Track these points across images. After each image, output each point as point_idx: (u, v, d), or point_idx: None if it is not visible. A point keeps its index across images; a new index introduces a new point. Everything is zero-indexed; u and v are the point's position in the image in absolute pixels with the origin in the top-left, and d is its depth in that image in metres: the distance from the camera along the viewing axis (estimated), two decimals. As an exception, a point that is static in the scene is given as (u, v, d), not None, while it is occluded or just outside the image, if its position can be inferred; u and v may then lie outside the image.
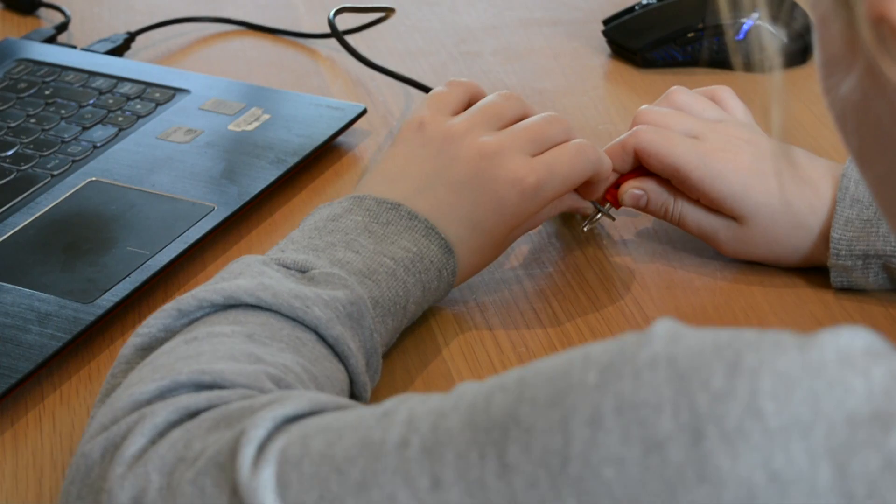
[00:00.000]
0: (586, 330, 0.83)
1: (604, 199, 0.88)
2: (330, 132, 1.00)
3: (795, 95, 1.07)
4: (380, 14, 1.14)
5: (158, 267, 0.86)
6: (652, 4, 1.13)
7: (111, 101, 1.05)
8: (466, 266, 0.81)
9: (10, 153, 0.99)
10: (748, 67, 1.06)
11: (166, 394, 0.63)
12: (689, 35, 1.11)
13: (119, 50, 1.14)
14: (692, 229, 0.87)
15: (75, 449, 0.75)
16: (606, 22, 1.15)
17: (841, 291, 0.85)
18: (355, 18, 1.17)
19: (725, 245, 0.86)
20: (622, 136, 0.87)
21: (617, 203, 0.88)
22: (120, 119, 1.02)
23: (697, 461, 0.47)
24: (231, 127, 1.01)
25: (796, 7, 1.13)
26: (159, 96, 1.05)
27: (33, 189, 0.95)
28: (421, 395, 0.56)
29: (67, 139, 1.00)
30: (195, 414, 0.62)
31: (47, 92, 1.06)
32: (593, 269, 0.88)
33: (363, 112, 1.03)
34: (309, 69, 1.14)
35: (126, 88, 1.06)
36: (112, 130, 1.01)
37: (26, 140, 1.00)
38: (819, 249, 0.84)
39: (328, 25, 1.07)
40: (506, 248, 0.84)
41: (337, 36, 0.95)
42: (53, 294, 0.83)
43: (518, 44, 1.17)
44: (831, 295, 0.85)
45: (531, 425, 0.50)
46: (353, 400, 0.71)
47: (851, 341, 0.48)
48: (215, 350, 0.66)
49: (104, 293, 0.83)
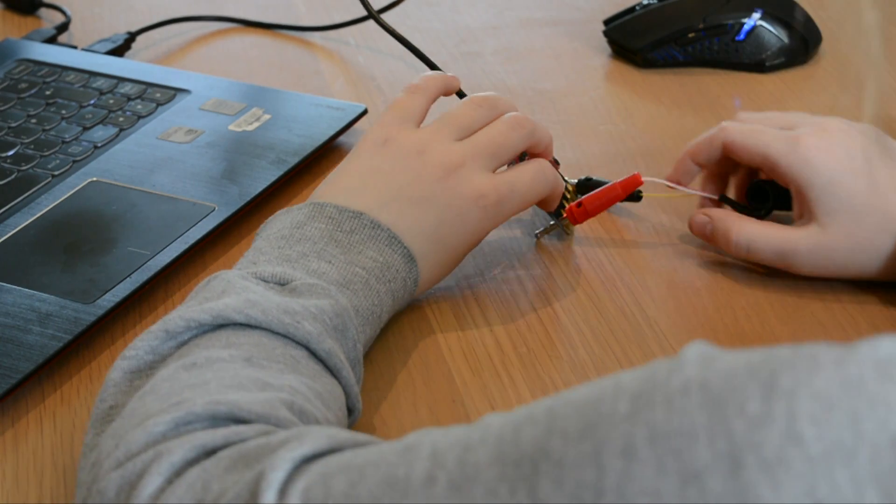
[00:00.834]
0: (587, 330, 0.83)
1: (571, 214, 0.88)
2: (331, 132, 1.00)
3: (796, 95, 1.07)
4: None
5: (159, 267, 0.86)
6: (652, 4, 1.13)
7: (112, 102, 1.05)
8: (426, 279, 0.81)
9: (11, 153, 0.99)
10: (749, 68, 1.06)
11: (181, 426, 0.61)
12: (690, 35, 1.11)
13: (119, 50, 1.14)
14: (765, 252, 0.84)
15: (76, 449, 0.75)
16: (607, 22, 1.15)
17: (843, 292, 0.85)
18: (354, 13, 1.17)
19: (805, 257, 0.83)
20: (710, 131, 0.87)
21: (574, 219, 0.88)
22: (120, 119, 1.02)
23: (737, 492, 0.46)
24: (232, 127, 1.01)
25: (796, 7, 1.13)
26: (160, 96, 1.05)
27: (34, 189, 0.95)
28: (442, 429, 0.55)
29: (68, 139, 1.00)
30: (212, 452, 0.60)
31: (48, 92, 1.06)
32: (593, 269, 0.89)
33: (364, 112, 1.03)
34: (309, 69, 1.14)
35: (127, 88, 1.06)
36: (113, 131, 1.01)
37: (27, 140, 1.00)
38: None
39: (361, 4, 1.06)
40: (460, 262, 0.84)
41: (372, 14, 0.95)
42: (54, 294, 0.83)
43: (518, 44, 1.17)
44: (832, 295, 0.85)
45: (562, 458, 0.49)
46: (349, 413, 0.71)
47: (891, 352, 0.46)
48: (221, 378, 0.64)
49: (105, 293, 0.83)
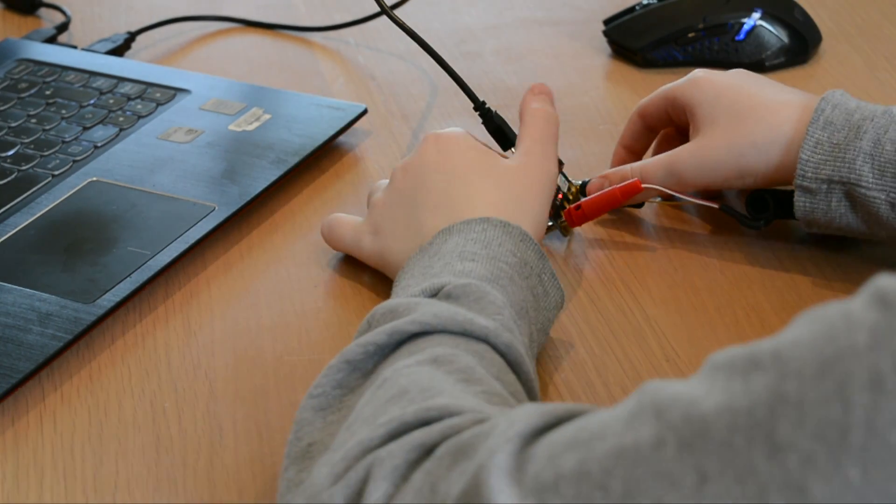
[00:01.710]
0: (587, 330, 0.83)
1: (569, 216, 0.89)
2: (331, 132, 1.00)
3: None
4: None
5: (159, 267, 0.86)
6: (652, 4, 1.13)
7: (112, 102, 1.05)
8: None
9: (11, 153, 0.99)
10: (749, 67, 1.06)
11: (395, 436, 0.61)
12: (690, 35, 1.11)
13: (119, 50, 1.14)
14: (656, 173, 0.88)
15: (76, 449, 0.75)
16: (607, 22, 1.15)
17: (843, 293, 0.85)
18: (355, 13, 1.17)
19: (689, 166, 0.87)
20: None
21: (572, 222, 0.89)
22: (121, 119, 1.02)
23: None
24: (232, 127, 1.01)
25: (796, 7, 1.13)
26: (160, 96, 1.05)
27: (34, 189, 0.95)
28: (662, 384, 0.53)
29: (68, 139, 1.00)
30: (431, 449, 0.59)
31: (48, 92, 1.06)
32: (593, 269, 0.89)
33: (364, 112, 1.03)
34: (310, 69, 1.14)
35: (127, 88, 1.06)
36: (113, 130, 1.01)
37: (27, 140, 1.00)
38: (784, 167, 0.85)
39: (362, 4, 1.05)
40: None
41: (385, 10, 0.95)
42: (54, 294, 0.83)
43: (518, 44, 1.17)
44: (833, 296, 0.85)
45: (802, 399, 0.47)
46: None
47: None
48: (416, 382, 0.64)
49: (105, 293, 0.83)
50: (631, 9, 1.14)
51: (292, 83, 1.10)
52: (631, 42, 1.12)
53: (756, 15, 1.10)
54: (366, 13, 1.17)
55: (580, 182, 0.92)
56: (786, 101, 0.86)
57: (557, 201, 0.89)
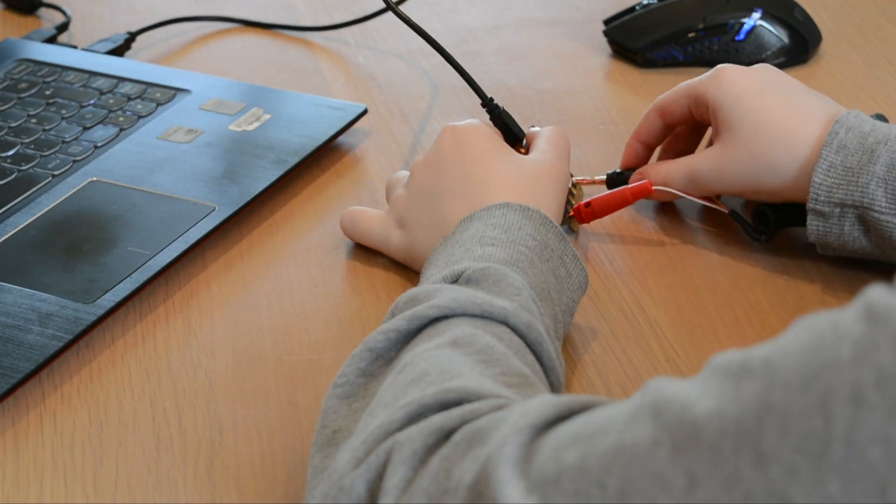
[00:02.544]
0: (587, 330, 0.83)
1: (579, 213, 0.90)
2: (331, 132, 1.00)
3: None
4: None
5: (159, 267, 0.86)
6: (652, 4, 1.13)
7: (112, 102, 1.05)
8: None
9: (11, 153, 0.99)
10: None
11: (415, 419, 0.61)
12: (690, 35, 1.11)
13: (120, 50, 1.14)
14: (678, 179, 0.89)
15: (76, 449, 0.75)
16: (607, 22, 1.15)
17: (843, 293, 0.85)
18: (355, 13, 1.17)
19: (708, 174, 0.87)
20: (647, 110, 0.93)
21: (581, 219, 0.90)
22: (121, 119, 1.02)
23: None
24: (232, 127, 1.01)
25: (796, 7, 1.13)
26: (160, 96, 1.05)
27: (34, 189, 0.95)
28: (666, 382, 0.53)
29: (68, 139, 1.00)
30: (449, 433, 0.60)
31: (48, 92, 1.06)
32: (593, 269, 0.89)
33: (364, 112, 1.03)
34: (310, 69, 1.14)
35: (127, 88, 1.06)
36: (113, 130, 1.01)
37: (27, 140, 1.00)
38: (797, 185, 0.85)
39: (363, 4, 1.05)
40: None
41: (391, 6, 0.95)
42: (54, 294, 0.83)
43: (518, 44, 1.17)
44: (833, 296, 0.85)
45: (787, 409, 0.47)
46: (552, 388, 0.70)
47: None
48: (436, 364, 0.64)
49: (105, 293, 0.83)
50: (631, 9, 1.14)
51: (292, 83, 1.10)
52: (631, 42, 1.12)
53: (756, 15, 1.10)
54: (366, 13, 1.17)
55: (603, 175, 0.94)
56: (806, 117, 0.85)
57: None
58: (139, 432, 0.76)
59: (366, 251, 0.91)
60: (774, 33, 1.10)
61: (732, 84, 0.87)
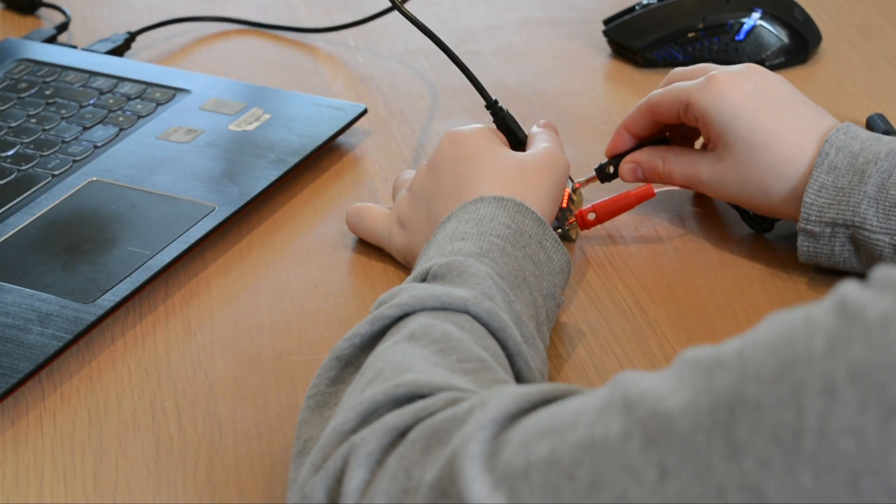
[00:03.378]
0: (587, 330, 0.83)
1: (582, 220, 0.90)
2: (330, 132, 1.00)
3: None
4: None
5: (159, 267, 0.86)
6: (652, 4, 1.13)
7: (112, 101, 1.05)
8: None
9: (11, 153, 0.99)
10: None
11: (367, 417, 0.61)
12: (690, 35, 1.11)
13: (119, 50, 1.14)
14: (679, 173, 0.89)
15: (76, 449, 0.75)
16: (607, 22, 1.15)
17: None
18: (355, 14, 1.17)
19: (706, 181, 0.88)
20: (639, 102, 0.92)
21: (582, 225, 0.90)
22: (120, 119, 1.02)
23: None
24: (231, 127, 1.01)
25: (796, 7, 1.13)
26: (160, 96, 1.05)
27: (34, 189, 0.95)
28: (636, 376, 0.54)
29: (68, 139, 1.00)
30: (405, 432, 0.60)
31: (48, 92, 1.06)
32: (593, 269, 0.89)
33: (364, 112, 1.03)
34: (309, 69, 1.14)
35: (126, 88, 1.06)
36: (113, 130, 1.01)
37: (27, 140, 1.00)
38: (790, 207, 0.85)
39: (363, 4, 1.05)
40: None
41: (396, 5, 0.94)
42: (54, 294, 0.83)
43: (518, 44, 1.17)
44: (832, 295, 0.85)
45: (759, 402, 0.48)
46: (518, 375, 0.70)
47: None
48: (391, 361, 0.65)
49: (105, 293, 0.83)
50: (631, 9, 1.14)
51: (292, 83, 1.10)
52: (631, 42, 1.12)
53: (756, 15, 1.10)
54: (366, 13, 1.17)
55: (595, 169, 0.93)
56: (800, 138, 0.85)
57: (561, 208, 0.89)
58: (139, 432, 0.76)
59: (365, 251, 0.91)
60: (774, 33, 1.10)
61: (726, 97, 0.86)
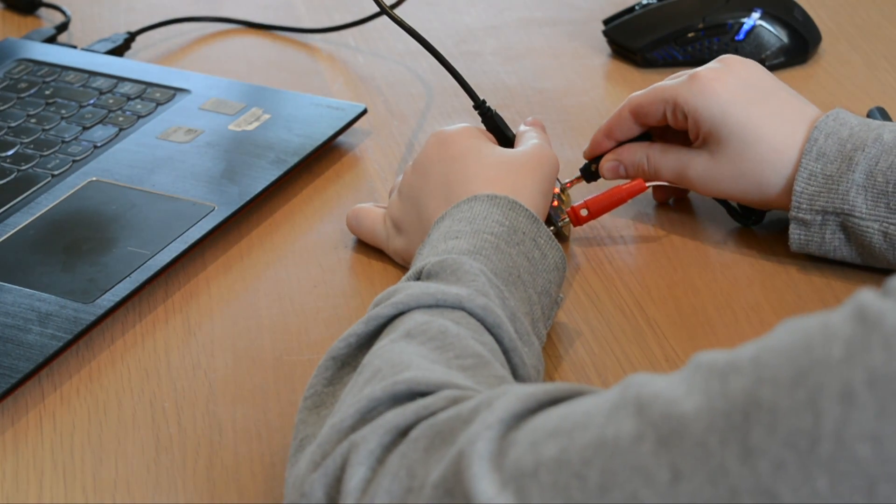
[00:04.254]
0: (587, 330, 0.83)
1: (575, 216, 0.90)
2: (330, 132, 1.00)
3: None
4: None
5: (159, 267, 0.86)
6: (652, 4, 1.13)
7: (111, 101, 1.05)
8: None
9: (11, 153, 0.99)
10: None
11: (367, 415, 0.61)
12: (690, 35, 1.11)
13: (119, 50, 1.14)
14: (667, 171, 0.89)
15: (76, 449, 0.75)
16: (607, 22, 1.15)
17: (843, 293, 0.85)
18: (354, 14, 1.17)
19: (696, 178, 0.87)
20: (619, 106, 0.92)
21: (576, 221, 0.90)
22: (120, 119, 1.02)
23: None
24: (231, 127, 1.01)
25: (796, 7, 1.13)
26: (159, 96, 1.05)
27: (34, 189, 0.95)
28: (648, 378, 0.53)
29: (68, 139, 1.00)
30: (406, 431, 0.60)
31: (47, 92, 1.06)
32: (593, 269, 0.89)
33: (363, 112, 1.03)
34: (309, 69, 1.14)
35: (126, 88, 1.06)
36: (112, 130, 1.01)
37: (27, 140, 1.00)
38: (783, 197, 0.85)
39: (362, 4, 1.05)
40: None
41: (384, 10, 0.94)
42: (54, 294, 0.83)
43: (518, 44, 1.17)
44: (832, 296, 0.85)
45: (775, 406, 0.48)
46: (514, 370, 0.70)
47: None
48: (389, 359, 0.65)
49: (105, 293, 0.83)
50: (631, 9, 1.14)
51: (292, 83, 1.10)
52: (631, 42, 1.12)
53: (756, 15, 1.10)
54: (365, 13, 1.17)
55: (580, 170, 0.93)
56: (792, 127, 0.85)
57: (552, 207, 0.89)
58: (139, 432, 0.76)
59: (365, 251, 0.91)
60: (774, 33, 1.10)
61: (714, 93, 0.86)
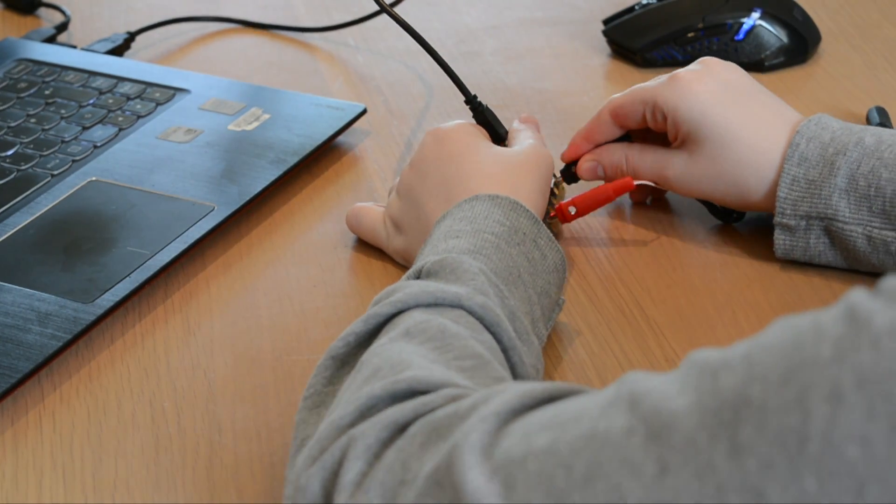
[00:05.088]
0: (586, 330, 0.83)
1: (562, 213, 0.90)
2: (330, 132, 1.00)
3: (795, 95, 1.07)
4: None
5: (158, 267, 0.86)
6: (652, 4, 1.13)
7: (111, 101, 1.05)
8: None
9: (11, 153, 0.99)
10: (748, 67, 1.06)
11: (366, 412, 0.61)
12: (689, 35, 1.11)
13: (119, 50, 1.14)
14: (646, 172, 0.89)
15: (75, 449, 0.75)
16: (606, 22, 1.15)
17: (842, 293, 0.85)
18: (354, 13, 1.17)
19: (675, 179, 0.88)
20: (599, 110, 0.92)
21: (563, 218, 0.90)
22: (120, 119, 1.02)
23: None
24: (231, 127, 1.01)
25: (796, 7, 1.13)
26: (159, 96, 1.05)
27: (33, 189, 0.95)
28: (643, 375, 0.54)
29: (67, 139, 1.00)
30: (404, 427, 0.60)
31: (47, 92, 1.06)
32: (593, 269, 0.89)
33: (363, 112, 1.03)
34: (309, 69, 1.14)
35: (126, 88, 1.06)
36: (112, 130, 1.01)
37: (26, 140, 1.00)
38: (764, 200, 0.86)
39: (362, 4, 1.05)
40: None
41: (384, 8, 0.94)
42: (54, 294, 0.83)
43: (518, 44, 1.17)
44: (832, 296, 0.85)
45: (764, 404, 0.48)
46: (513, 368, 0.70)
47: None
48: (388, 358, 0.65)
49: (104, 293, 0.83)
50: (630, 9, 1.14)
51: (291, 83, 1.10)
52: (630, 42, 1.12)
53: (755, 15, 1.10)
54: (365, 13, 1.17)
55: (560, 171, 0.93)
56: (772, 130, 0.85)
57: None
58: (138, 432, 0.76)
59: (365, 251, 0.91)
60: (774, 33, 1.10)
61: (693, 94, 0.86)
